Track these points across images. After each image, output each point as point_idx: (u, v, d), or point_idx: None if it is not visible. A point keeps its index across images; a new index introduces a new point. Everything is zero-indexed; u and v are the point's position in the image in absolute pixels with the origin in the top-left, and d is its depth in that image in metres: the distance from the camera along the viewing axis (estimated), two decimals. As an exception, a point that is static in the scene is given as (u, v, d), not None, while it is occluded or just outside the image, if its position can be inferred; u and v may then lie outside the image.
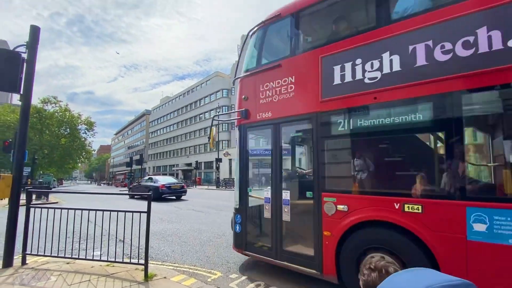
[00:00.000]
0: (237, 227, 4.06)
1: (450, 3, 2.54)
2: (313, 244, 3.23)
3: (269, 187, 3.76)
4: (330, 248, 3.05)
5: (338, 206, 3.03)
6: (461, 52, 2.43)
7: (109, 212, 3.84)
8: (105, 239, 3.88)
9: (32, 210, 3.99)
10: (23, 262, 3.88)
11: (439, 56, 2.51)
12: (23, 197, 4.41)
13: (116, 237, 4.27)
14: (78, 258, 3.98)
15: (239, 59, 4.51)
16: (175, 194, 15.16)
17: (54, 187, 34.70)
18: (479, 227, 2.26)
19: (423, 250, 2.49)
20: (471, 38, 2.37)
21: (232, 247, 4.20)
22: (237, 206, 4.10)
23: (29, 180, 18.64)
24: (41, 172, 36.26)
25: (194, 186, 35.48)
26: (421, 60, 2.60)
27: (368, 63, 2.93)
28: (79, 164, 51.03)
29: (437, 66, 2.52)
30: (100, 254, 3.91)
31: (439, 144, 2.57)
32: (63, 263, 3.95)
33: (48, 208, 4.09)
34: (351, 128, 3.05)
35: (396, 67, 2.74)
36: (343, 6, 3.43)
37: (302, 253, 3.38)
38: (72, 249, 4.13)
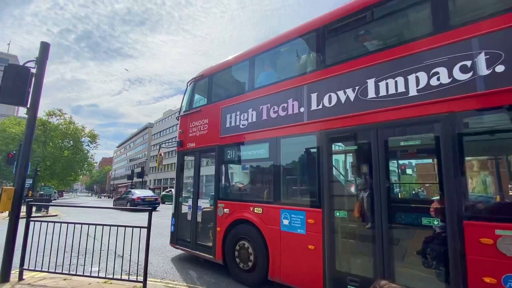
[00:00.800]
0: (172, 228, 5.76)
1: (275, 82, 4.32)
2: (212, 237, 4.88)
3: (191, 197, 5.48)
4: (219, 239, 4.70)
5: (224, 209, 4.71)
6: (284, 112, 4.16)
7: (108, 227, 3.95)
8: (104, 254, 3.97)
9: (31, 223, 4.10)
10: (20, 277, 3.97)
11: (272, 114, 4.25)
12: (23, 209, 4.58)
13: (115, 252, 4.45)
14: (76, 275, 4.01)
15: (182, 101, 6.36)
16: (149, 205, 17.91)
17: (55, 199, 36.82)
18: (285, 222, 3.89)
19: (261, 237, 4.11)
20: (285, 104, 4.11)
21: (169, 243, 5.86)
22: (173, 212, 5.82)
23: (30, 192, 20.43)
24: (43, 184, 38.08)
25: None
26: (264, 116, 4.35)
27: (242, 114, 4.69)
28: (81, 177, 53.52)
29: (270, 121, 4.25)
30: (98, 270, 4.06)
31: (271, 170, 4.22)
32: (60, 279, 4.01)
33: (48, 221, 4.24)
34: (233, 157, 4.78)
35: (253, 119, 4.49)
36: (232, 75, 5.28)
37: (206, 244, 5.03)
38: (70, 264, 4.22)
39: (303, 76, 3.99)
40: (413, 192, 3.38)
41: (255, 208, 4.26)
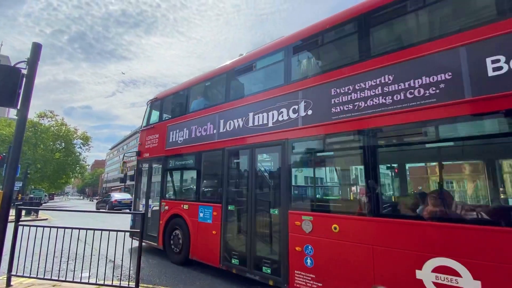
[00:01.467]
0: (131, 222, 7.47)
1: (203, 108, 6.02)
2: (157, 229, 6.57)
3: (145, 198, 7.18)
4: (161, 230, 6.39)
5: (165, 206, 6.41)
6: (205, 132, 5.83)
7: (100, 231, 4.03)
8: (95, 259, 4.07)
9: (20, 227, 4.15)
10: (8, 283, 4.02)
11: (197, 133, 5.94)
12: (12, 213, 4.55)
13: (106, 257, 4.42)
14: (65, 281, 4.07)
15: (143, 118, 8.09)
16: (126, 207, 20.23)
17: (45, 202, 38.05)
18: (201, 214, 5.56)
19: (186, 227, 5.78)
20: (206, 127, 5.79)
21: (129, 236, 7.55)
22: (132, 210, 7.51)
23: (19, 195, 20.97)
24: (33, 186, 38.99)
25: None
26: (195, 134, 6.03)
27: (180, 132, 6.39)
28: (72, 179, 54.85)
29: (197, 138, 5.94)
30: (89, 276, 4.12)
31: (195, 176, 5.90)
32: (49, 285, 4.07)
33: (37, 226, 4.34)
34: (174, 165, 6.48)
35: (187, 136, 6.19)
36: (176, 100, 7.00)
37: (153, 235, 6.72)
38: (59, 270, 4.13)
39: (217, 106, 5.69)
40: (268, 191, 5.00)
41: (184, 205, 5.95)
